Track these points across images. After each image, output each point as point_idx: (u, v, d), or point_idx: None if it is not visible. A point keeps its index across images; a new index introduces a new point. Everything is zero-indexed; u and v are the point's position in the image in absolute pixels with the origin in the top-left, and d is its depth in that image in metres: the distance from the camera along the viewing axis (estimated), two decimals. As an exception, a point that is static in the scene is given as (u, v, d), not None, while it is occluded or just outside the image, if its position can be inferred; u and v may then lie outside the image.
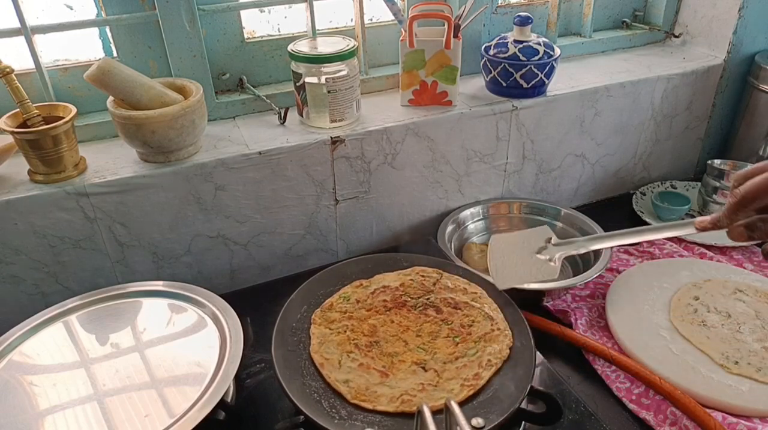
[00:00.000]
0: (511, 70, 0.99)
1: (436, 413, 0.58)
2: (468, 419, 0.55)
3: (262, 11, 1.02)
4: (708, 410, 0.70)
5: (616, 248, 1.01)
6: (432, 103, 1.00)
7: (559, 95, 1.05)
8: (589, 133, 1.12)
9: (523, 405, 0.65)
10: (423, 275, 0.83)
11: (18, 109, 0.79)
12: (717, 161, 1.09)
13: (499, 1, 1.11)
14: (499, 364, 0.69)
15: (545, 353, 0.78)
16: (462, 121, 0.99)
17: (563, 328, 0.83)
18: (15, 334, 0.72)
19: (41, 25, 0.84)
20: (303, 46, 0.91)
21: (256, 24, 1.00)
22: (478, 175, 1.07)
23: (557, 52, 1.01)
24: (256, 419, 0.71)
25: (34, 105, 0.79)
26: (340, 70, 0.90)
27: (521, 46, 0.99)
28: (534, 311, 0.88)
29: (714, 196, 1.08)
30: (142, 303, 0.78)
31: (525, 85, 1.01)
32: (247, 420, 0.71)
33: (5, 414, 0.62)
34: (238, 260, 0.95)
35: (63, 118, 0.79)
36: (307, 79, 0.90)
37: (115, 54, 0.91)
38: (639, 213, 1.13)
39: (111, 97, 0.82)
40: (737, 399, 0.72)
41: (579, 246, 0.69)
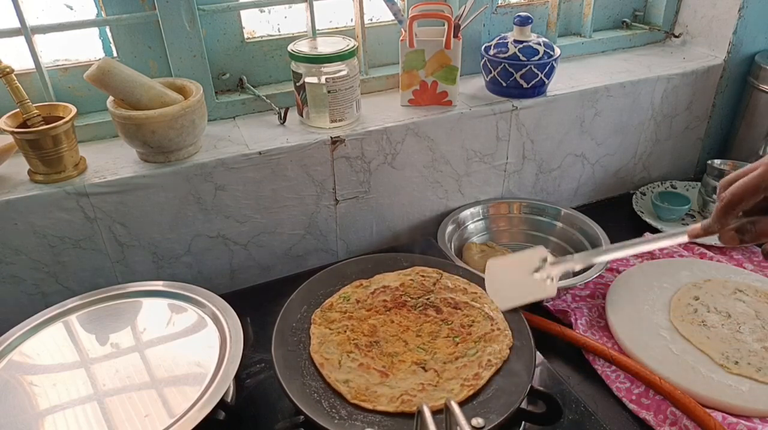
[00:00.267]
0: (511, 70, 0.99)
1: (436, 413, 0.58)
2: (468, 419, 0.55)
3: (262, 11, 1.02)
4: (708, 410, 0.70)
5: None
6: (432, 103, 1.00)
7: (559, 95, 1.05)
8: (589, 133, 1.12)
9: (523, 405, 0.65)
10: (423, 275, 0.83)
11: (18, 109, 0.79)
12: (717, 161, 1.09)
13: (499, 1, 1.11)
14: (499, 364, 0.69)
15: (545, 353, 0.78)
16: (462, 121, 0.99)
17: (563, 328, 0.84)
18: (15, 334, 0.72)
19: (41, 25, 0.84)
20: (303, 46, 0.91)
21: (256, 24, 1.00)
22: (478, 175, 1.07)
23: (557, 52, 1.01)
24: (256, 419, 0.71)
25: (34, 105, 0.79)
26: (340, 70, 0.90)
27: (521, 46, 0.99)
28: (534, 311, 0.88)
29: (714, 196, 1.08)
30: (142, 303, 0.78)
31: (525, 85, 1.01)
32: (247, 420, 0.71)
33: (5, 414, 0.62)
34: (238, 260, 0.95)
35: (63, 118, 0.79)
36: (307, 79, 0.90)
37: (115, 54, 0.91)
38: (639, 213, 1.13)
39: (111, 97, 0.82)
40: (737, 399, 0.72)
41: (574, 263, 0.71)
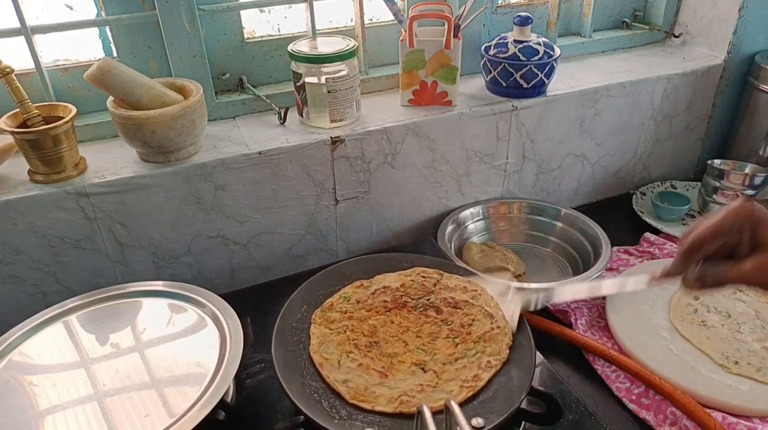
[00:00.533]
0: (511, 70, 0.99)
1: (435, 413, 0.58)
2: (468, 419, 0.55)
3: (262, 11, 1.02)
4: (708, 410, 0.70)
5: (616, 248, 1.01)
6: (432, 103, 1.00)
7: (559, 95, 1.05)
8: (589, 133, 1.12)
9: (523, 405, 0.65)
10: (424, 276, 0.82)
11: (18, 109, 0.79)
12: (717, 161, 1.09)
13: (499, 1, 1.11)
14: (499, 365, 0.68)
15: (545, 353, 0.78)
16: (462, 121, 0.99)
17: (563, 328, 0.84)
18: (15, 334, 0.72)
19: (41, 25, 0.84)
20: (303, 46, 0.91)
21: (256, 24, 1.00)
22: (478, 175, 1.07)
23: (557, 52, 1.01)
24: (256, 419, 0.71)
25: (34, 105, 0.79)
26: (340, 70, 0.90)
27: (521, 46, 0.99)
28: (534, 311, 0.87)
29: (714, 196, 1.08)
30: (142, 303, 0.78)
31: (525, 85, 1.01)
32: (247, 420, 0.71)
33: (5, 414, 0.62)
34: (238, 260, 0.95)
35: (63, 118, 0.79)
36: (307, 79, 0.90)
37: (115, 54, 0.91)
38: (639, 213, 1.13)
39: (111, 97, 0.82)
40: (737, 399, 0.72)
41: (535, 302, 0.76)
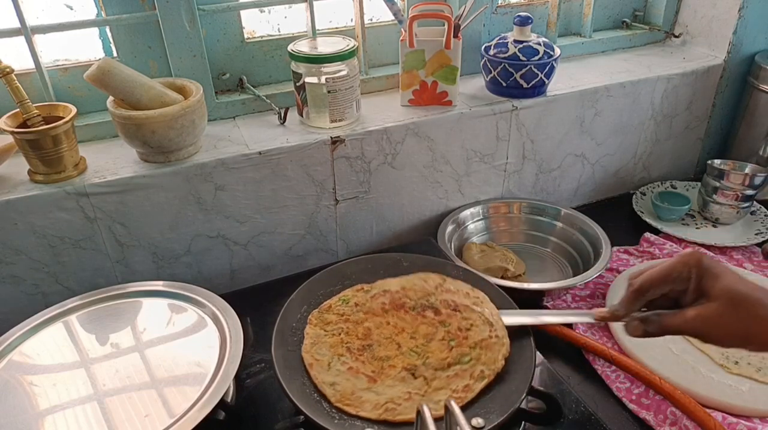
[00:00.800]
0: (511, 70, 0.99)
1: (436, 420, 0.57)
2: (468, 419, 0.55)
3: (262, 11, 1.02)
4: (708, 410, 0.70)
5: (616, 248, 1.01)
6: (432, 103, 1.00)
7: (559, 95, 1.05)
8: (589, 133, 1.12)
9: (523, 405, 0.65)
10: (425, 280, 0.81)
11: (18, 109, 0.79)
12: (717, 161, 1.09)
13: (499, 1, 1.11)
14: (492, 376, 0.66)
15: (545, 353, 0.78)
16: (462, 121, 0.99)
17: (563, 328, 0.83)
18: (15, 334, 0.72)
19: (41, 25, 0.84)
20: (303, 46, 0.91)
21: (256, 24, 1.00)
22: (478, 175, 1.07)
23: (557, 52, 1.01)
24: (256, 419, 0.71)
25: (34, 105, 0.79)
26: (340, 70, 0.90)
27: (521, 46, 0.99)
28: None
29: (714, 196, 1.08)
30: (142, 303, 0.78)
31: (525, 85, 1.01)
32: (247, 420, 0.71)
33: (5, 414, 0.62)
34: (238, 260, 0.95)
35: (63, 118, 0.79)
36: (307, 79, 0.90)
37: (115, 54, 0.91)
38: (639, 213, 1.13)
39: (111, 97, 0.82)
40: (737, 399, 0.72)
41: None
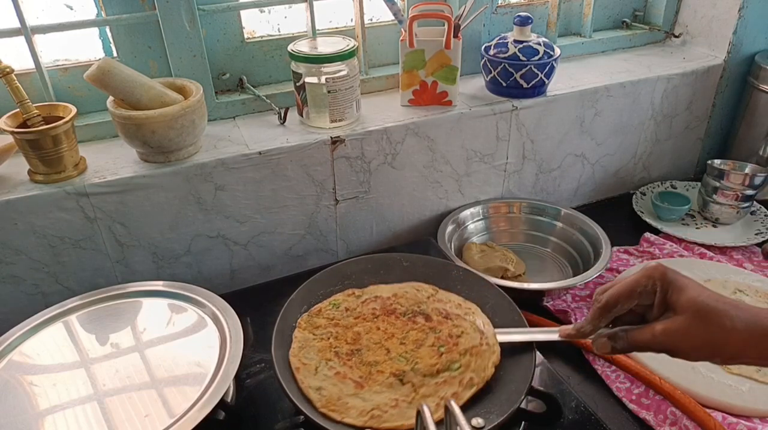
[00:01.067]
0: (511, 70, 0.99)
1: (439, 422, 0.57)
2: (468, 419, 0.55)
3: (262, 11, 1.02)
4: (708, 410, 0.70)
5: (616, 248, 1.01)
6: (432, 103, 1.00)
7: (559, 95, 1.05)
8: (589, 133, 1.12)
9: (523, 405, 0.65)
10: (417, 289, 0.80)
11: (18, 109, 0.79)
12: (717, 161, 1.09)
13: (499, 1, 1.11)
14: (481, 384, 0.65)
15: (545, 353, 0.78)
16: (462, 121, 0.99)
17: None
18: (15, 334, 0.72)
19: (41, 25, 0.83)
20: (303, 46, 0.91)
21: (256, 24, 1.00)
22: (478, 175, 1.07)
23: (557, 52, 1.01)
24: (256, 419, 0.71)
25: (34, 105, 0.79)
26: (340, 70, 0.90)
27: (521, 46, 0.99)
28: (534, 311, 0.88)
29: (714, 196, 1.08)
30: (142, 303, 0.78)
31: (525, 85, 1.01)
32: (247, 420, 0.71)
33: (5, 414, 0.62)
34: (238, 260, 0.95)
35: (63, 118, 0.79)
36: (307, 79, 0.90)
37: (115, 54, 0.91)
38: (639, 213, 1.13)
39: (111, 97, 0.82)
40: (737, 399, 0.72)
41: None
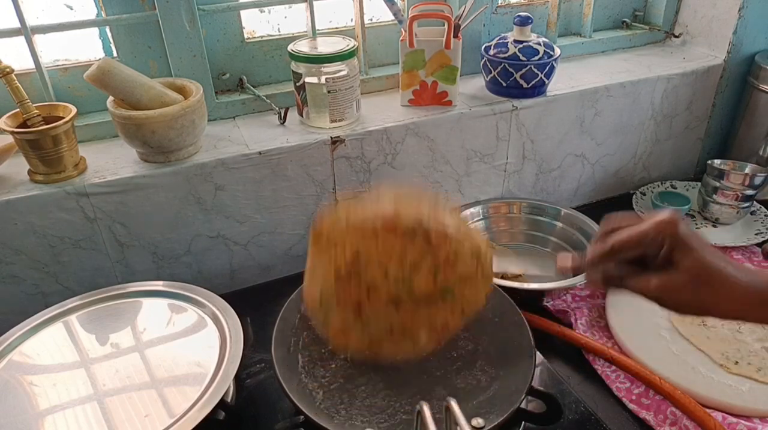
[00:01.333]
0: (511, 70, 0.99)
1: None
2: (468, 419, 0.55)
3: (262, 11, 1.02)
4: (708, 410, 0.70)
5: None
6: (432, 103, 1.00)
7: (559, 95, 1.05)
8: (589, 133, 1.12)
9: (523, 405, 0.65)
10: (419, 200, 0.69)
11: (18, 109, 0.79)
12: (717, 161, 1.09)
13: (499, 1, 1.11)
14: (470, 314, 0.61)
15: (545, 353, 0.78)
16: (462, 121, 0.99)
17: (563, 328, 0.83)
18: (15, 334, 0.72)
19: (41, 25, 0.83)
20: (303, 46, 0.91)
21: (256, 24, 1.00)
22: (478, 175, 1.07)
23: (557, 52, 1.01)
24: (256, 419, 0.71)
25: (34, 105, 0.79)
26: (340, 70, 0.90)
27: (521, 46, 0.99)
28: (534, 311, 0.88)
29: (714, 196, 1.08)
30: (142, 303, 0.79)
31: (525, 85, 1.01)
32: (247, 420, 0.71)
33: (5, 414, 0.62)
34: (238, 260, 0.95)
35: (63, 118, 0.79)
36: (307, 79, 0.90)
37: (115, 54, 0.91)
38: (639, 213, 1.12)
39: (111, 97, 0.82)
40: (737, 399, 0.72)
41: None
